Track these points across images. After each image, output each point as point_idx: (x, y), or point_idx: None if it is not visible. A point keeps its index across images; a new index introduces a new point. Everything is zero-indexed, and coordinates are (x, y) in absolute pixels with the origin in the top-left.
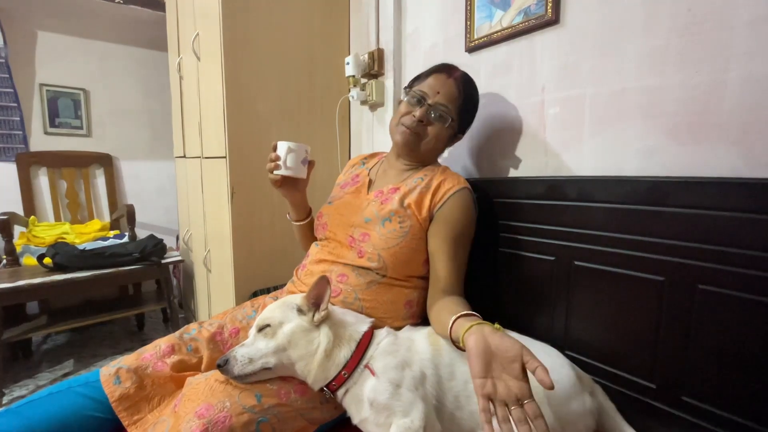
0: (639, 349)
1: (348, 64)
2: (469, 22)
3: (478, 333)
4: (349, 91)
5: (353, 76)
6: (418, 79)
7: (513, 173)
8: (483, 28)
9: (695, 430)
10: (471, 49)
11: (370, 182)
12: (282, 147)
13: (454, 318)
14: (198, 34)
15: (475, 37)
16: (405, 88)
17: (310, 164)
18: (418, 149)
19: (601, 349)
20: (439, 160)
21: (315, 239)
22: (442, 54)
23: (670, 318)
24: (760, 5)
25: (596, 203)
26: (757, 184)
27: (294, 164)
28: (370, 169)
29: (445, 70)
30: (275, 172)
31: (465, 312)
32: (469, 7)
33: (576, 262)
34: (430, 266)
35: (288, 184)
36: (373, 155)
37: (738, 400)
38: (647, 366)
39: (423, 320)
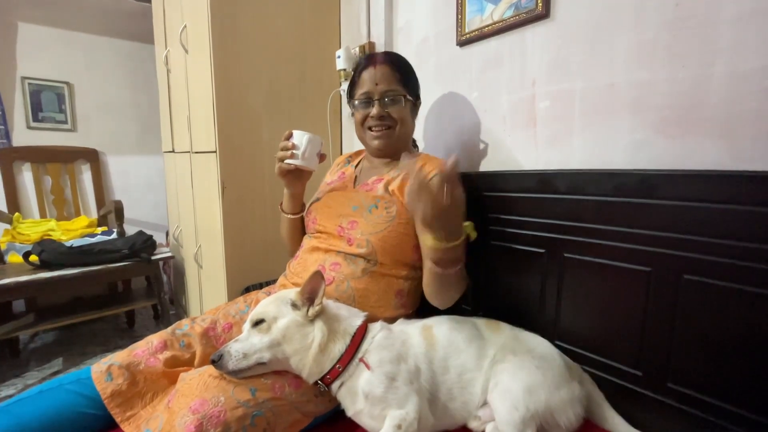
0: (626, 339)
1: (339, 57)
2: (460, 16)
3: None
4: (340, 84)
5: (344, 70)
6: (353, 86)
7: (504, 167)
8: (474, 21)
9: (681, 415)
10: (462, 43)
11: (356, 178)
12: (300, 137)
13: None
14: (186, 26)
15: (466, 30)
16: (348, 102)
17: (321, 157)
18: (395, 139)
19: (590, 338)
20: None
21: (302, 236)
22: (434, 47)
23: (657, 308)
24: (744, 2)
25: (586, 196)
26: (740, 176)
27: (310, 155)
28: (355, 167)
29: (369, 62)
30: (289, 161)
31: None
32: (460, 1)
33: (566, 254)
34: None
35: (294, 174)
36: (357, 153)
37: (722, 385)
38: (634, 355)
39: (414, 311)
